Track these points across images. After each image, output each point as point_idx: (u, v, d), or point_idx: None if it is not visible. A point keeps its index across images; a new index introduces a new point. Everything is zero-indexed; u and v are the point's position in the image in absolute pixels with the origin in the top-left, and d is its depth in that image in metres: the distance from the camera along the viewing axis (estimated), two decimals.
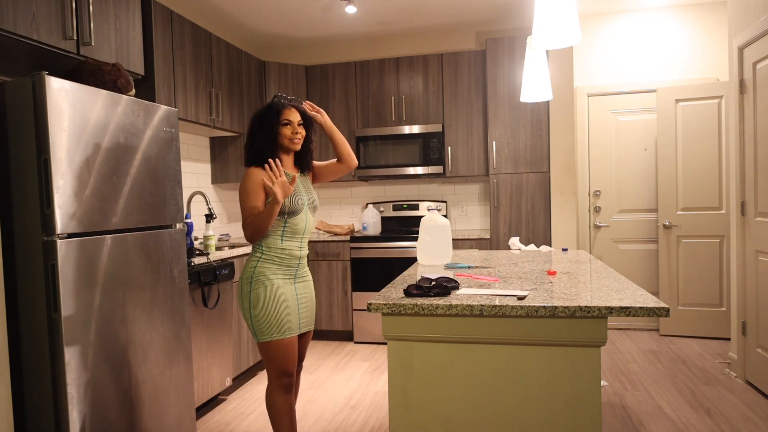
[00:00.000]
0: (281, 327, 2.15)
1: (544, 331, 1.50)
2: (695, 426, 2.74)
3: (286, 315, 2.17)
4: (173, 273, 2.53)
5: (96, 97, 2.11)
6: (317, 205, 2.38)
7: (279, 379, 2.18)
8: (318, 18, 4.43)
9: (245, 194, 2.16)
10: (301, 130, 2.28)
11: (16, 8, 2.09)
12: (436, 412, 1.59)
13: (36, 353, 1.97)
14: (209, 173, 4.37)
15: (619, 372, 3.61)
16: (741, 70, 3.37)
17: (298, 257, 2.25)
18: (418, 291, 1.65)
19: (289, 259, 2.22)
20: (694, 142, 4.34)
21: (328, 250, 4.56)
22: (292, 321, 2.19)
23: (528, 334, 1.51)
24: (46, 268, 1.93)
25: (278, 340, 2.15)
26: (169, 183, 2.52)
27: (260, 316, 2.15)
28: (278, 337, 2.15)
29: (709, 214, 4.33)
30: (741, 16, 3.36)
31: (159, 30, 3.14)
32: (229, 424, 2.98)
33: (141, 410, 2.30)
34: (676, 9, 4.52)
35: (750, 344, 3.31)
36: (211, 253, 3.29)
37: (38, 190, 1.92)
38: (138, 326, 2.29)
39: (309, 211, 2.29)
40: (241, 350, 3.55)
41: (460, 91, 4.59)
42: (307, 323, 2.30)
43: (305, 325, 2.29)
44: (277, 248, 2.20)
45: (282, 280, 2.20)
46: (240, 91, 4.16)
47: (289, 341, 2.18)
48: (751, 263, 3.28)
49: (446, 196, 4.99)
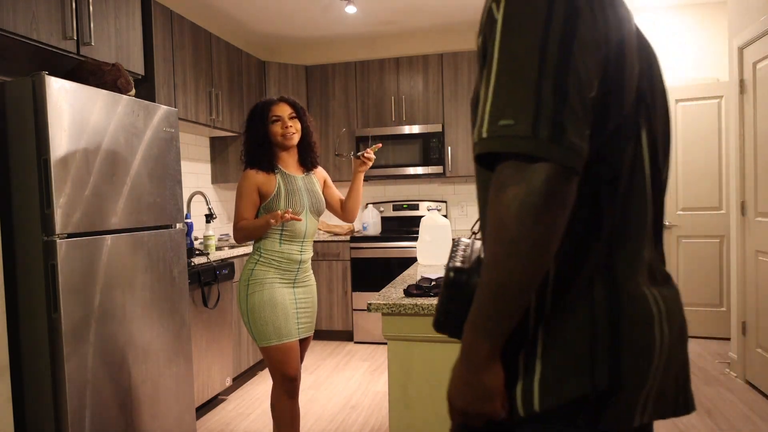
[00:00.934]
0: (279, 332, 2.11)
1: None
2: (695, 426, 2.74)
3: (284, 320, 2.12)
4: (173, 273, 2.53)
5: (96, 97, 2.11)
6: (322, 207, 2.27)
7: (282, 384, 2.15)
8: (318, 18, 4.43)
9: (238, 197, 2.14)
10: (294, 123, 2.18)
11: (16, 8, 2.09)
12: (436, 412, 1.59)
13: (36, 353, 1.97)
14: (209, 173, 4.37)
15: None
16: (741, 70, 3.37)
17: (297, 261, 2.19)
18: (418, 291, 1.65)
19: (287, 262, 2.17)
20: (694, 142, 4.34)
21: (328, 250, 4.56)
22: (290, 326, 2.14)
23: None
24: (46, 268, 1.93)
25: (277, 345, 2.11)
26: (169, 183, 2.52)
27: (257, 321, 2.11)
28: (276, 342, 2.11)
29: (709, 214, 4.33)
30: (741, 16, 3.35)
31: (159, 30, 3.14)
32: (229, 424, 2.98)
33: (141, 410, 2.30)
34: (677, 9, 4.52)
35: (750, 344, 3.31)
36: (211, 253, 3.29)
37: (38, 190, 1.92)
38: (138, 326, 2.29)
39: (311, 214, 2.21)
40: (241, 350, 3.55)
41: (460, 91, 4.59)
42: (307, 329, 2.25)
43: (304, 331, 2.23)
44: (275, 251, 2.15)
45: (280, 283, 2.15)
46: (240, 91, 4.16)
47: (289, 346, 2.13)
48: (751, 263, 3.28)
49: (446, 196, 4.99)
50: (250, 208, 2.13)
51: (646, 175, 0.79)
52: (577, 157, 0.67)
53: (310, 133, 2.26)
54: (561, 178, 0.66)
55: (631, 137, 0.77)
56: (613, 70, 0.74)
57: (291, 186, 2.18)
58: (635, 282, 0.75)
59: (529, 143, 0.66)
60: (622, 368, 0.71)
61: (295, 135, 2.18)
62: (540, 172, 0.66)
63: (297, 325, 2.18)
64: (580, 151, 0.68)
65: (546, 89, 0.67)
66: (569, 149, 0.66)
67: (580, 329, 0.72)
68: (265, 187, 2.14)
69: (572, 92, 0.68)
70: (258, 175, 2.14)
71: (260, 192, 2.14)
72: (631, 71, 0.77)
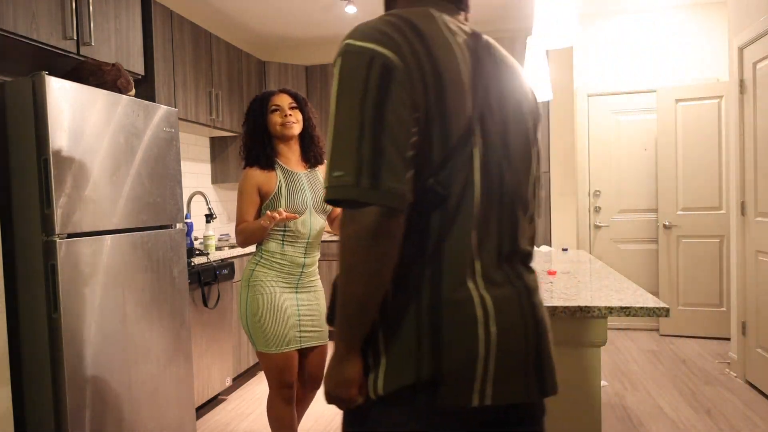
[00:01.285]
0: (277, 340, 2.01)
1: None
2: (695, 426, 2.74)
3: (284, 328, 2.01)
4: (173, 273, 2.53)
5: (96, 97, 2.11)
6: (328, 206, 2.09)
7: (278, 391, 2.07)
8: (318, 18, 4.43)
9: (239, 197, 2.07)
10: (295, 113, 2.07)
11: (16, 8, 2.09)
12: None
13: (36, 353, 1.97)
14: (209, 173, 4.37)
15: (619, 372, 3.61)
16: (741, 70, 3.37)
17: (300, 265, 2.07)
18: None
19: (290, 266, 2.06)
20: (694, 142, 4.34)
21: (329, 250, 4.56)
22: (289, 334, 2.02)
23: None
24: (46, 268, 1.93)
25: (275, 353, 2.02)
26: (169, 183, 2.52)
27: (256, 326, 2.03)
28: (275, 350, 2.02)
29: (709, 214, 4.33)
30: (741, 16, 3.36)
31: (159, 30, 3.14)
32: (229, 424, 2.98)
33: (141, 410, 2.30)
34: (676, 9, 4.51)
35: (750, 344, 3.31)
36: (211, 253, 3.29)
37: (38, 190, 1.92)
38: (138, 326, 2.29)
39: (315, 212, 2.07)
40: (241, 350, 3.55)
41: None
42: (312, 337, 2.09)
43: (309, 339, 2.08)
44: (276, 253, 2.04)
45: (281, 288, 2.04)
46: (240, 91, 4.16)
47: (287, 355, 2.03)
48: (751, 263, 3.28)
49: None
50: (250, 209, 2.05)
51: (475, 195, 0.91)
52: (397, 198, 0.84)
53: (313, 126, 2.14)
54: (385, 217, 0.83)
55: (461, 163, 0.90)
56: (435, 112, 0.88)
57: (293, 183, 2.07)
58: (460, 289, 0.90)
59: (354, 191, 0.83)
60: (444, 362, 0.88)
61: (295, 125, 2.07)
62: (368, 214, 0.83)
63: (298, 333, 2.05)
64: (400, 193, 0.84)
65: (365, 146, 0.83)
66: (388, 193, 0.83)
67: (410, 330, 0.89)
68: (266, 186, 2.05)
69: (387, 146, 0.84)
70: (258, 174, 2.05)
71: (261, 191, 2.06)
72: (457, 105, 0.89)
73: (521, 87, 1.02)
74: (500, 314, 0.91)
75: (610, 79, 4.66)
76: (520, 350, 0.93)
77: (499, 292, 0.93)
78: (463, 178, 0.90)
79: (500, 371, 0.91)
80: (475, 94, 0.92)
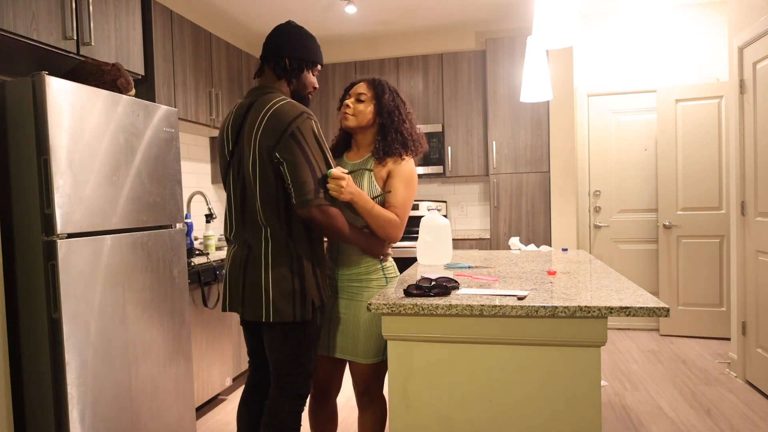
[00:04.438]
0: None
1: (544, 331, 1.50)
2: (695, 426, 2.74)
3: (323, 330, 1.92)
4: (173, 273, 2.53)
5: (96, 97, 2.11)
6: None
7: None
8: (318, 18, 4.43)
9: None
10: (356, 105, 1.89)
11: (16, 8, 2.09)
12: (436, 412, 1.59)
13: (36, 353, 1.97)
14: (209, 173, 4.37)
15: (619, 372, 3.61)
16: (741, 70, 3.37)
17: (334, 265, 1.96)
18: (418, 291, 1.65)
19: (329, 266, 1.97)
20: (694, 142, 4.34)
21: None
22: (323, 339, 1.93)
23: (528, 334, 1.51)
24: (46, 268, 1.93)
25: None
26: (169, 183, 2.52)
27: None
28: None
29: (709, 214, 4.33)
30: (741, 16, 3.36)
31: (159, 30, 3.14)
32: (229, 424, 2.98)
33: (141, 410, 2.30)
34: (676, 9, 4.52)
35: (750, 344, 3.31)
36: (211, 253, 3.29)
37: (38, 190, 1.93)
38: (138, 326, 2.29)
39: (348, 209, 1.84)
40: (241, 350, 3.55)
41: (460, 91, 4.59)
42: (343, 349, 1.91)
43: (336, 351, 1.92)
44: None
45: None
46: (240, 91, 4.16)
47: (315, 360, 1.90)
48: (751, 263, 3.28)
49: (446, 196, 4.99)
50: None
51: (234, 198, 1.77)
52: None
53: (389, 117, 1.90)
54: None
55: (228, 180, 1.80)
56: (220, 156, 1.84)
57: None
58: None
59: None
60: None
61: (351, 117, 1.90)
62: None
63: (329, 340, 1.94)
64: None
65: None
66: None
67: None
68: None
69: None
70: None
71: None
72: (223, 149, 1.81)
73: (250, 123, 1.71)
74: (228, 260, 1.88)
75: (610, 79, 4.67)
76: (235, 282, 1.78)
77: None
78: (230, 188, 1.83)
79: (230, 295, 1.87)
80: (229, 138, 1.80)
